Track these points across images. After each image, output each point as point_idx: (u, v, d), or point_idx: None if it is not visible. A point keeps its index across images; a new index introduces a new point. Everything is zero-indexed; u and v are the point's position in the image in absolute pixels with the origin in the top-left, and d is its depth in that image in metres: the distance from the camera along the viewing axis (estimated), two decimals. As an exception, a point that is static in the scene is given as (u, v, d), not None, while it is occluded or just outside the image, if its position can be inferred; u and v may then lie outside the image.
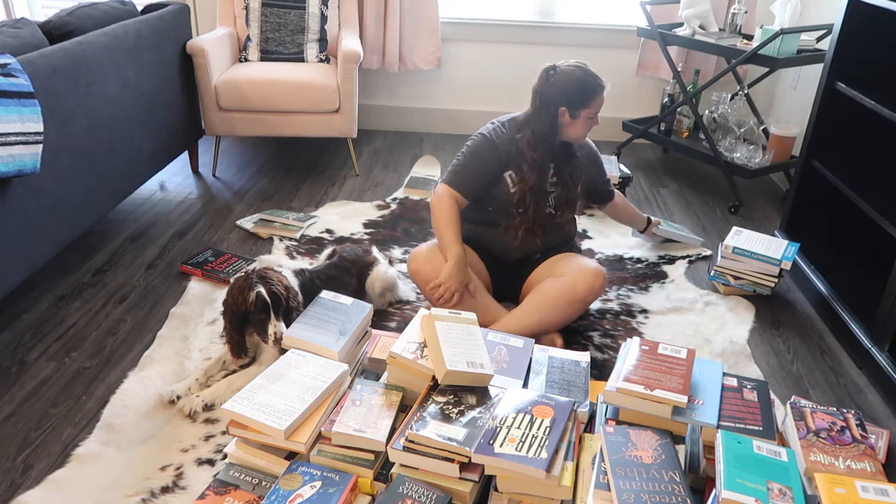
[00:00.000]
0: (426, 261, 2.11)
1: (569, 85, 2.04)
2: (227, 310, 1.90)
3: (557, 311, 2.06)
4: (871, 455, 1.46)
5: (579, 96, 2.04)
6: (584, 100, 2.04)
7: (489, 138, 2.13)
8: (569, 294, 2.05)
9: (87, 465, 1.65)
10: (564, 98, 2.04)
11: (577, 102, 2.04)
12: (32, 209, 2.14)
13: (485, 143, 2.13)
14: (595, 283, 2.07)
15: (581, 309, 2.11)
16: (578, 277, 2.06)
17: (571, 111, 2.05)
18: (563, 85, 2.04)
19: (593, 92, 2.05)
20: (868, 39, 2.33)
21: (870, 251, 2.51)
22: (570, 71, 2.06)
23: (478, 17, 3.85)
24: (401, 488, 1.41)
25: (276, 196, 3.18)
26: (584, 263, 2.12)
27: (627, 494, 1.31)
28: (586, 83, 2.05)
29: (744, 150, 3.17)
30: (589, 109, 2.06)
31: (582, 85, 2.05)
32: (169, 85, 3.01)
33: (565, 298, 2.05)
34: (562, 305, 2.05)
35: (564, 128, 2.09)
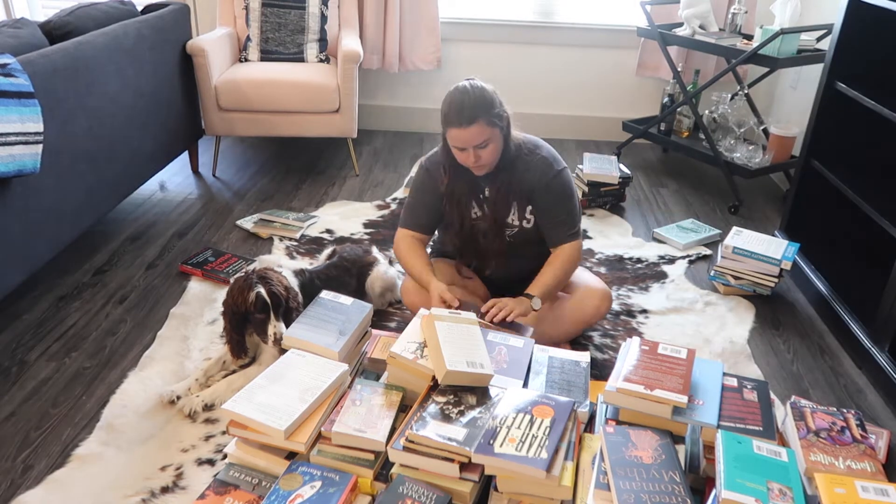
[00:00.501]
0: (417, 293, 2.07)
1: (442, 103, 1.87)
2: (227, 310, 1.90)
3: (560, 328, 2.05)
4: (871, 455, 1.46)
5: (441, 121, 1.87)
6: (443, 126, 1.88)
7: (423, 167, 2.05)
8: (575, 314, 2.04)
9: (87, 465, 1.65)
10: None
11: (442, 127, 1.88)
12: (32, 209, 2.14)
13: (423, 176, 2.04)
14: (602, 306, 2.05)
15: (583, 329, 2.11)
16: (586, 300, 2.04)
17: (444, 135, 1.90)
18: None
19: (445, 122, 1.85)
20: (868, 39, 2.33)
21: (870, 251, 2.51)
22: (452, 91, 1.86)
23: (478, 17, 3.84)
24: (401, 488, 1.41)
25: (276, 196, 3.18)
26: (592, 284, 2.08)
27: (627, 494, 1.31)
28: (443, 109, 1.86)
29: (744, 150, 3.17)
30: (448, 137, 1.87)
31: (442, 109, 1.86)
32: (169, 85, 3.01)
33: (569, 318, 2.04)
34: (565, 324, 2.05)
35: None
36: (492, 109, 1.84)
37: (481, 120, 1.81)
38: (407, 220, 2.09)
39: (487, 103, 1.83)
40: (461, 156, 1.90)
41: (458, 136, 1.83)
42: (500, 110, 1.87)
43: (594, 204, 3.14)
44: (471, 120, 1.80)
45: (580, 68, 3.89)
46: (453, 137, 1.85)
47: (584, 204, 3.12)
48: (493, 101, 1.85)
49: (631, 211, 3.14)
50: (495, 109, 1.85)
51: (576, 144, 3.93)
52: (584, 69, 3.90)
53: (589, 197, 3.12)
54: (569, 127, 4.01)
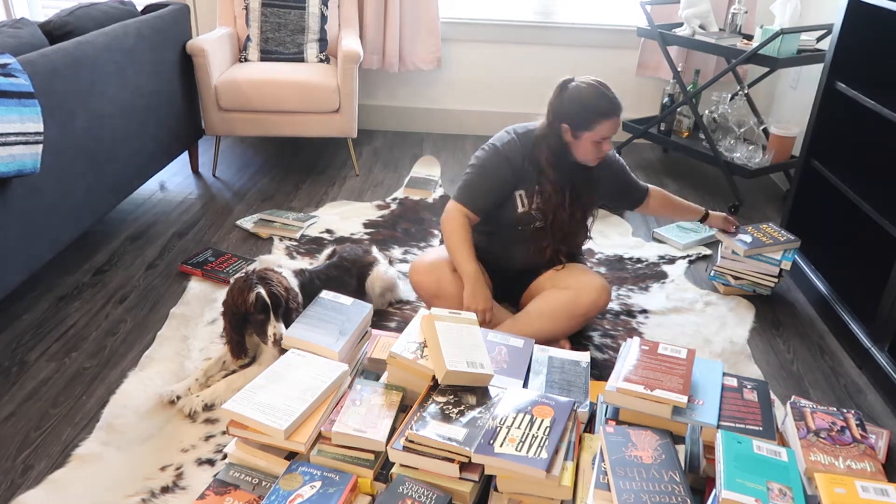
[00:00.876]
0: (427, 273, 2.07)
1: (575, 102, 1.95)
2: (227, 310, 1.90)
3: (557, 323, 2.03)
4: (871, 455, 1.46)
5: (582, 116, 1.94)
6: (585, 121, 1.94)
7: (502, 153, 2.02)
8: (571, 308, 2.02)
9: (87, 465, 1.65)
10: (568, 115, 1.96)
11: (579, 122, 1.95)
12: (32, 209, 2.14)
13: (497, 159, 2.02)
14: (599, 299, 2.04)
15: (582, 323, 2.09)
16: (582, 292, 2.03)
17: (573, 131, 1.97)
18: (569, 101, 1.96)
19: (597, 115, 1.93)
20: (868, 39, 2.33)
21: (870, 251, 2.51)
22: (582, 88, 1.95)
23: (478, 17, 3.85)
24: (401, 488, 1.41)
25: (276, 196, 3.18)
26: (589, 278, 2.08)
27: (627, 494, 1.31)
28: (592, 104, 1.94)
29: (744, 150, 3.17)
30: (591, 133, 1.95)
31: (586, 105, 1.94)
32: (169, 85, 3.01)
33: (567, 312, 2.03)
34: (562, 318, 2.03)
35: (570, 146, 2.00)
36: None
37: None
38: (466, 198, 2.04)
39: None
40: (594, 150, 1.99)
41: (612, 126, 1.97)
42: None
43: (594, 204, 3.13)
44: (621, 109, 1.97)
45: (580, 68, 3.85)
46: (607, 128, 1.96)
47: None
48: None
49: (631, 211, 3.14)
50: None
51: (576, 144, 3.93)
52: (584, 69, 3.87)
53: (589, 197, 3.11)
54: (569, 127, 4.01)
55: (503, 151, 2.03)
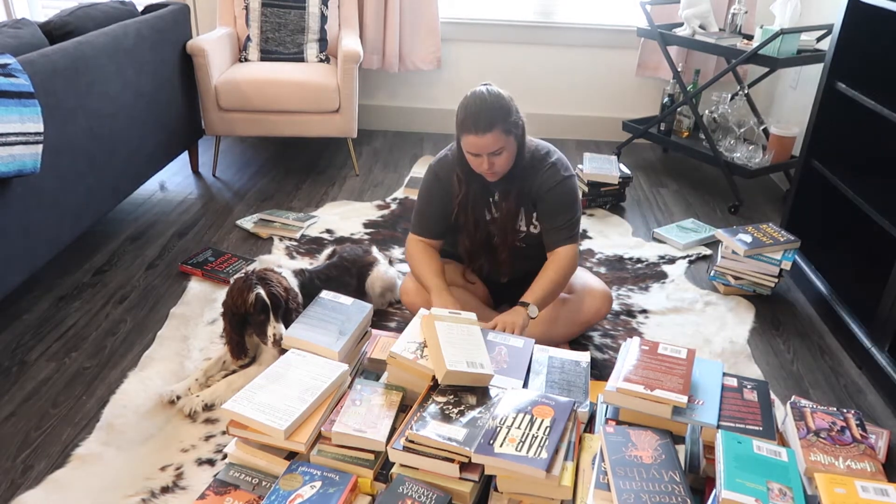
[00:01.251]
0: (416, 294, 2.06)
1: (457, 109, 1.85)
2: (227, 311, 1.90)
3: (559, 329, 2.04)
4: (871, 455, 1.46)
5: (456, 126, 1.86)
6: (457, 131, 1.86)
7: (433, 171, 2.02)
8: (573, 315, 2.03)
9: (87, 465, 1.65)
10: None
11: (456, 132, 1.87)
12: (32, 209, 2.14)
13: (432, 181, 2.02)
14: (602, 307, 2.04)
15: (582, 331, 2.10)
16: (585, 300, 2.03)
17: (458, 140, 1.89)
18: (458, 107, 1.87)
19: (460, 128, 1.84)
20: (868, 39, 2.33)
21: (870, 251, 2.51)
22: (467, 96, 1.84)
23: (478, 17, 3.84)
24: (401, 488, 1.41)
25: (276, 196, 3.18)
26: (592, 284, 2.07)
27: (627, 494, 1.31)
28: (458, 115, 1.84)
29: (744, 150, 3.17)
30: (463, 143, 1.86)
31: (457, 115, 1.85)
32: (169, 85, 3.01)
33: (568, 319, 2.03)
34: (564, 325, 2.04)
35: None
36: (508, 118, 1.83)
37: (498, 128, 1.80)
38: (417, 227, 2.07)
39: (504, 111, 1.82)
40: (475, 162, 1.88)
41: (475, 142, 1.82)
42: (516, 118, 1.86)
43: (594, 204, 3.14)
44: (488, 127, 1.79)
45: (580, 68, 3.89)
46: (469, 144, 1.84)
47: (584, 204, 3.12)
48: (510, 108, 1.84)
49: (631, 211, 3.14)
50: (511, 118, 1.84)
51: (576, 144, 3.93)
52: (584, 69, 3.90)
53: (589, 197, 3.12)
54: (569, 127, 4.01)
55: (434, 169, 2.02)
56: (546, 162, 1.97)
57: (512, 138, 1.85)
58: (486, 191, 2.01)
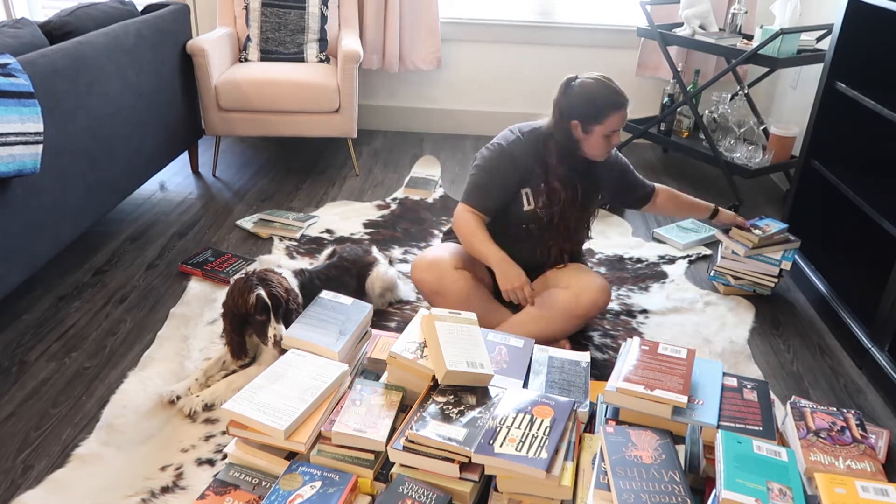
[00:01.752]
0: (428, 270, 2.05)
1: (583, 98, 1.96)
2: (227, 312, 1.90)
3: (557, 323, 2.03)
4: (871, 455, 1.46)
5: (591, 111, 1.95)
6: (595, 115, 1.95)
7: (507, 151, 2.02)
8: (571, 308, 2.02)
9: (87, 465, 1.65)
10: (577, 111, 1.96)
11: (588, 117, 1.96)
12: (32, 209, 2.15)
13: (503, 158, 2.02)
14: (599, 299, 2.03)
15: (581, 324, 2.09)
16: (582, 292, 2.02)
17: (584, 126, 1.97)
18: (577, 97, 1.97)
19: (607, 108, 1.95)
20: (868, 39, 2.33)
21: (870, 251, 2.51)
22: (588, 84, 1.97)
23: (478, 17, 3.85)
24: (401, 488, 1.41)
25: (276, 196, 3.18)
26: (590, 278, 2.07)
27: (627, 494, 1.31)
28: (600, 98, 1.95)
29: (744, 150, 3.17)
30: (602, 126, 1.96)
31: (595, 99, 1.95)
32: (169, 85, 3.01)
33: (567, 313, 2.02)
34: (563, 319, 2.03)
35: (580, 143, 2.01)
36: None
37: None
38: (474, 199, 2.05)
39: None
40: (605, 144, 2.01)
41: (621, 118, 1.98)
42: None
43: (594, 204, 3.14)
44: (628, 100, 1.98)
45: (580, 68, 3.85)
46: (616, 120, 1.97)
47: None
48: None
49: (631, 211, 3.14)
50: None
51: (576, 144, 3.93)
52: (584, 69, 3.86)
53: (589, 197, 3.11)
54: (569, 127, 4.01)
55: (508, 150, 2.03)
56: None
57: None
58: (573, 180, 2.08)
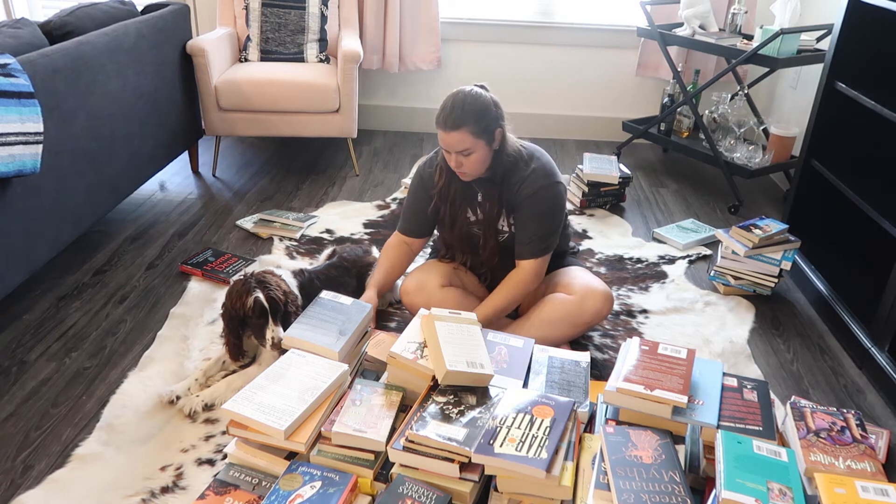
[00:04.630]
0: (416, 294, 2.05)
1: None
2: (225, 314, 1.90)
3: (560, 331, 2.02)
4: (871, 455, 1.46)
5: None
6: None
7: (418, 173, 2.09)
8: (575, 316, 2.00)
9: (87, 465, 1.65)
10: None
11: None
12: (32, 209, 2.14)
13: (415, 180, 2.10)
14: (603, 308, 2.01)
15: (585, 330, 2.08)
16: (587, 300, 1.99)
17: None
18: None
19: (436, 123, 1.87)
20: (868, 39, 2.33)
21: (870, 251, 2.51)
22: (451, 92, 1.88)
23: (478, 17, 3.85)
24: (401, 488, 1.41)
25: (276, 196, 3.18)
26: (593, 285, 2.04)
27: (627, 494, 1.31)
28: (438, 111, 1.87)
29: (744, 150, 3.17)
30: (439, 139, 1.89)
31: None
32: (169, 85, 3.01)
33: (570, 321, 2.01)
34: (565, 326, 2.02)
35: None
36: (481, 121, 1.83)
37: (465, 129, 1.82)
38: (400, 225, 2.17)
39: (478, 113, 1.83)
40: (448, 158, 1.93)
41: (442, 138, 1.87)
42: (490, 123, 1.86)
43: (594, 204, 3.14)
44: (454, 125, 1.82)
45: (580, 68, 3.89)
46: (439, 138, 1.89)
47: (583, 204, 3.12)
48: (485, 112, 1.84)
49: (631, 211, 3.14)
50: (485, 122, 1.84)
51: (576, 144, 3.93)
52: (584, 69, 3.90)
53: (589, 197, 3.12)
54: (569, 127, 4.01)
55: (419, 170, 2.10)
56: (528, 167, 1.96)
57: (483, 142, 1.86)
58: (472, 190, 2.03)
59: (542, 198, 1.95)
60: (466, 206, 2.05)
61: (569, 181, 3.24)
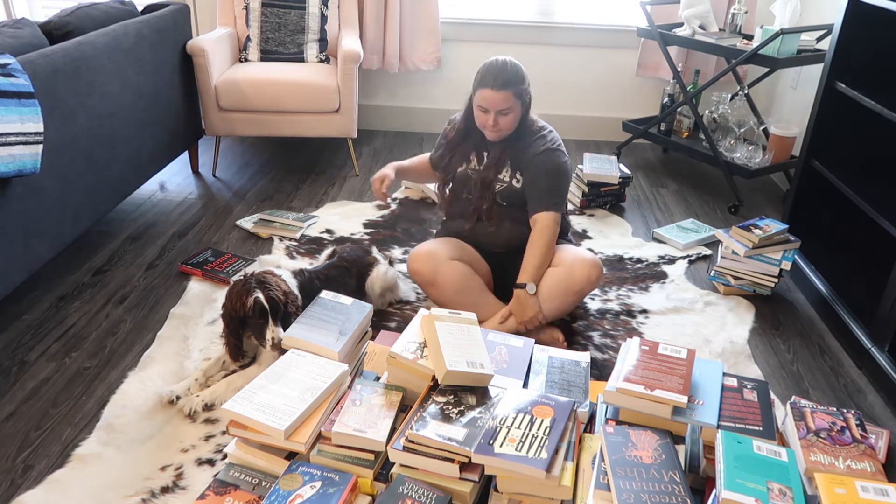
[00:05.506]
0: (424, 261, 2.12)
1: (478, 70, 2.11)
2: (225, 314, 1.90)
3: (553, 301, 2.06)
4: (871, 455, 1.46)
5: (474, 84, 2.10)
6: (473, 86, 2.10)
7: (450, 121, 2.29)
8: (565, 284, 2.06)
9: (87, 465, 1.65)
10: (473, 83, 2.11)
11: (473, 89, 2.11)
12: (32, 209, 2.14)
13: (446, 126, 2.30)
14: (592, 273, 2.06)
15: (577, 300, 2.11)
16: (575, 267, 2.06)
17: (471, 95, 2.13)
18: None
19: (478, 82, 2.07)
20: (868, 39, 2.33)
21: (870, 251, 2.51)
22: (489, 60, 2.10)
23: (478, 17, 3.85)
24: (401, 488, 1.41)
25: (276, 196, 3.18)
26: (581, 254, 2.12)
27: (627, 494, 1.31)
28: (480, 72, 2.08)
29: (744, 150, 3.17)
30: (475, 97, 2.09)
31: (478, 72, 2.09)
32: (169, 85, 3.01)
33: (561, 288, 2.06)
34: (558, 295, 2.06)
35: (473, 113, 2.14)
36: (521, 84, 2.07)
37: (511, 89, 2.03)
38: (432, 149, 2.39)
39: (520, 77, 2.07)
40: (482, 118, 2.09)
41: (489, 97, 2.04)
42: (527, 87, 2.11)
43: (594, 204, 3.14)
44: (504, 85, 2.02)
45: (580, 68, 3.89)
46: (483, 98, 2.05)
47: (583, 204, 3.12)
48: (524, 77, 2.10)
49: (631, 211, 3.14)
50: (524, 85, 2.09)
51: (576, 144, 3.93)
52: (584, 69, 3.90)
53: (589, 197, 3.12)
54: (569, 127, 4.01)
55: (451, 120, 2.30)
56: (540, 133, 2.16)
57: (520, 103, 2.09)
58: (482, 146, 2.20)
59: (552, 157, 2.13)
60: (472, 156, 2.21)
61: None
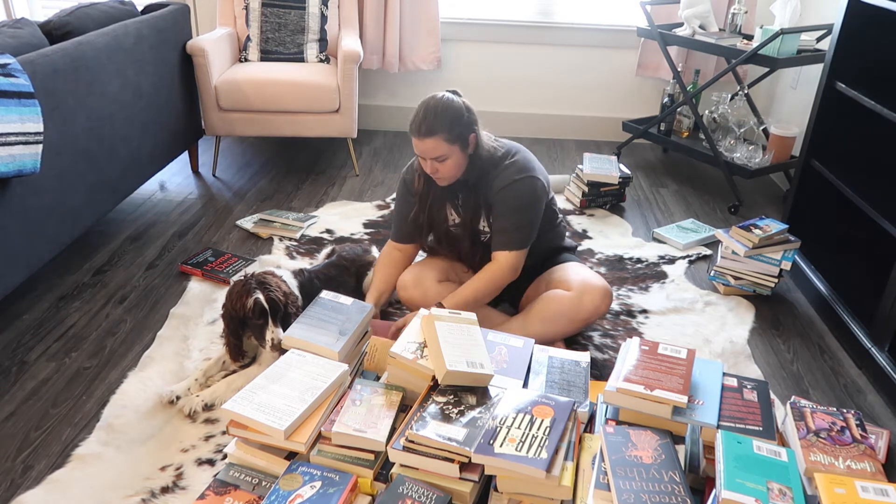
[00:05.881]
0: (413, 288, 2.08)
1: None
2: (225, 315, 1.90)
3: (559, 326, 2.02)
4: (871, 455, 1.46)
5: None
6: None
7: (402, 179, 2.12)
8: (573, 312, 1.99)
9: (87, 465, 1.65)
10: None
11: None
12: (32, 209, 2.15)
13: (400, 187, 2.12)
14: (602, 304, 2.01)
15: (581, 327, 2.07)
16: (585, 296, 1.99)
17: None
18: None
19: (409, 130, 1.89)
20: (868, 39, 2.33)
21: (870, 251, 2.51)
22: (424, 99, 1.90)
23: (478, 17, 3.85)
24: (401, 488, 1.41)
25: (276, 196, 3.18)
26: (591, 281, 2.03)
27: (627, 494, 1.31)
28: (412, 118, 1.89)
29: (744, 150, 3.17)
30: (413, 145, 1.91)
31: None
32: (169, 85, 3.01)
33: (568, 316, 2.00)
34: (564, 322, 2.01)
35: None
36: (454, 127, 1.85)
37: (438, 136, 1.84)
38: (391, 233, 2.19)
39: (450, 120, 1.85)
40: (423, 164, 1.94)
41: (416, 145, 1.88)
42: (463, 129, 1.88)
43: (594, 204, 3.14)
44: (428, 133, 1.84)
45: (580, 68, 3.89)
46: (415, 146, 1.89)
47: (583, 204, 3.12)
48: (457, 118, 1.86)
49: (631, 211, 3.14)
50: (458, 128, 1.86)
51: (576, 144, 3.93)
52: (584, 69, 3.90)
53: (589, 197, 3.12)
54: (569, 127, 4.01)
55: (403, 176, 2.12)
56: (503, 164, 1.98)
57: (457, 147, 1.88)
58: (451, 193, 2.05)
59: (515, 190, 1.95)
60: (447, 209, 2.07)
61: (569, 181, 3.24)
